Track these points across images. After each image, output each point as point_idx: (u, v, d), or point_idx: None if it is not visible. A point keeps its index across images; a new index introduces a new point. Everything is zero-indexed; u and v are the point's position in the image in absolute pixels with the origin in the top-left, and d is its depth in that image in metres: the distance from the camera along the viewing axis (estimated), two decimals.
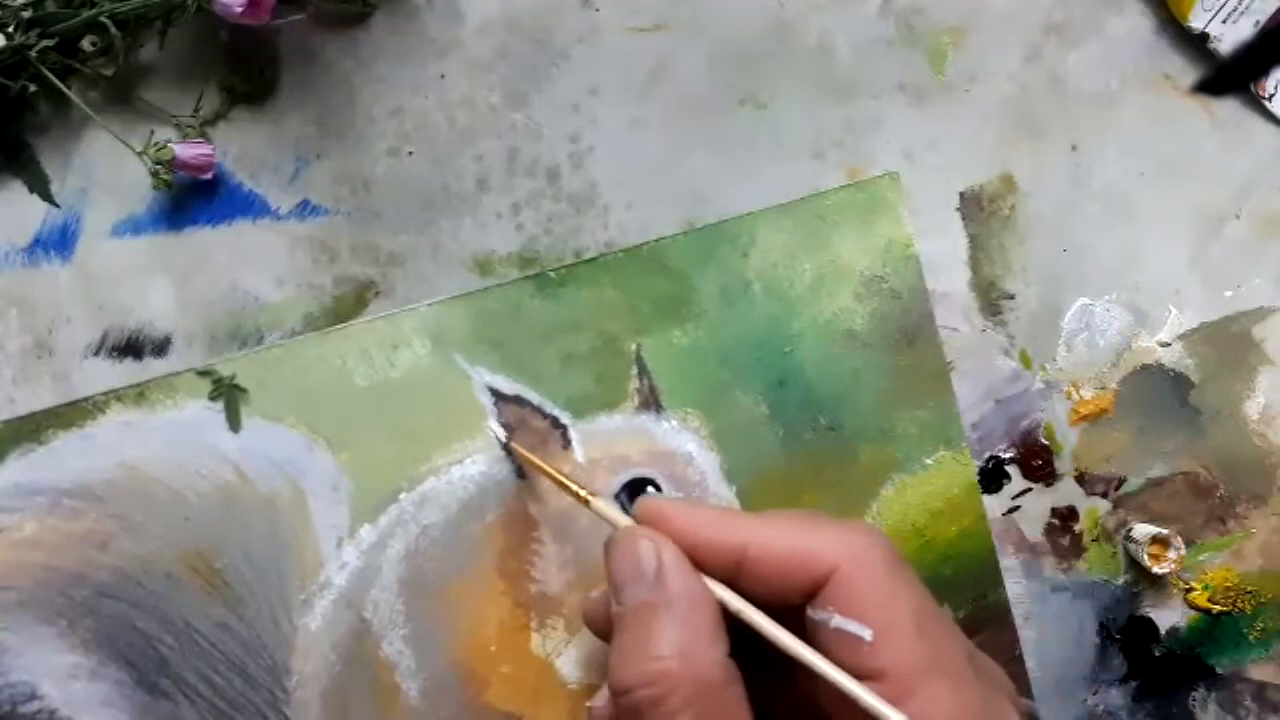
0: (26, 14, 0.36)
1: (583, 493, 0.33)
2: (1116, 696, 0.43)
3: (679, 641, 0.27)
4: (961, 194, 0.43)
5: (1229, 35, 0.42)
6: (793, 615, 0.28)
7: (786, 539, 0.28)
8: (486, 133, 0.41)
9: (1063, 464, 0.43)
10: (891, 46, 0.42)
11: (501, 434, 0.39)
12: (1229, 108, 0.44)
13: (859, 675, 0.26)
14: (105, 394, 0.38)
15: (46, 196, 0.39)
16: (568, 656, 0.39)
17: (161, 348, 0.39)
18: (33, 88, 0.38)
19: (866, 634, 0.26)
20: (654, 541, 0.29)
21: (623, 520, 0.31)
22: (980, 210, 0.43)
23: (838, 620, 0.27)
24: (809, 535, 0.28)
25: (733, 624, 0.28)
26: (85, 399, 0.38)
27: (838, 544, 0.28)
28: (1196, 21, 0.42)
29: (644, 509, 0.30)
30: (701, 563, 0.29)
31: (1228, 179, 0.44)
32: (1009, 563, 0.42)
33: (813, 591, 0.28)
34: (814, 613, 0.27)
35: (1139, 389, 0.43)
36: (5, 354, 0.39)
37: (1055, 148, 0.43)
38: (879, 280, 0.41)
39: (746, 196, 0.41)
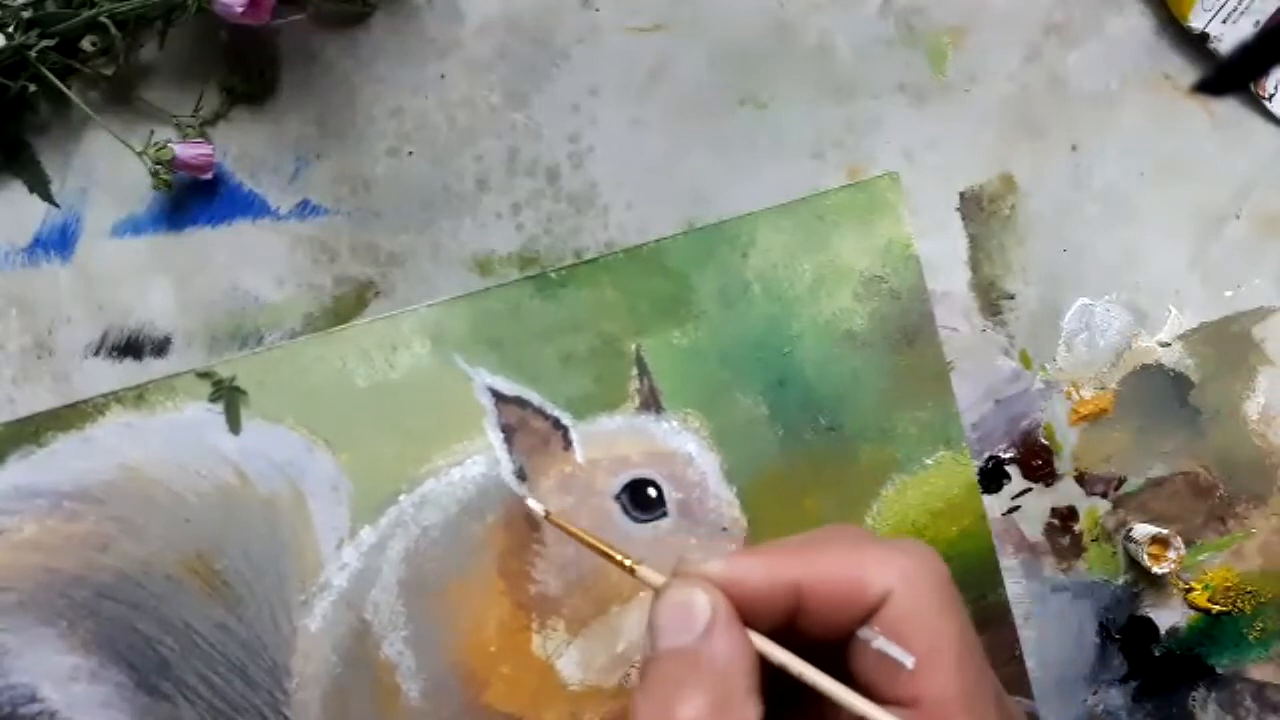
0: (26, 14, 0.36)
1: (627, 562, 0.32)
2: (1116, 696, 0.43)
3: (710, 700, 0.26)
4: (961, 194, 0.42)
5: (1229, 35, 0.42)
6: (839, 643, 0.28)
7: (839, 569, 0.27)
8: (486, 133, 0.41)
9: (1063, 464, 0.43)
10: (891, 46, 0.42)
11: (540, 510, 0.38)
12: (1229, 108, 0.44)
13: (894, 700, 0.26)
14: (105, 396, 0.38)
15: (46, 196, 0.39)
16: (568, 658, 0.39)
17: (161, 348, 0.39)
18: (33, 88, 0.37)
19: (909, 661, 0.26)
20: (710, 596, 0.27)
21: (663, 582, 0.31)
22: (980, 210, 0.43)
23: (880, 642, 0.26)
24: (861, 561, 0.27)
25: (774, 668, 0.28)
26: (85, 401, 0.38)
27: (890, 568, 0.27)
28: (1196, 21, 0.42)
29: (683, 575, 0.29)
30: (753, 614, 0.28)
31: (1228, 179, 0.44)
32: (1009, 563, 0.42)
33: (867, 618, 0.27)
34: (861, 630, 0.27)
35: (1139, 389, 0.43)
36: (5, 354, 0.39)
37: (1055, 148, 0.43)
38: (879, 280, 0.41)
39: (746, 196, 0.41)
